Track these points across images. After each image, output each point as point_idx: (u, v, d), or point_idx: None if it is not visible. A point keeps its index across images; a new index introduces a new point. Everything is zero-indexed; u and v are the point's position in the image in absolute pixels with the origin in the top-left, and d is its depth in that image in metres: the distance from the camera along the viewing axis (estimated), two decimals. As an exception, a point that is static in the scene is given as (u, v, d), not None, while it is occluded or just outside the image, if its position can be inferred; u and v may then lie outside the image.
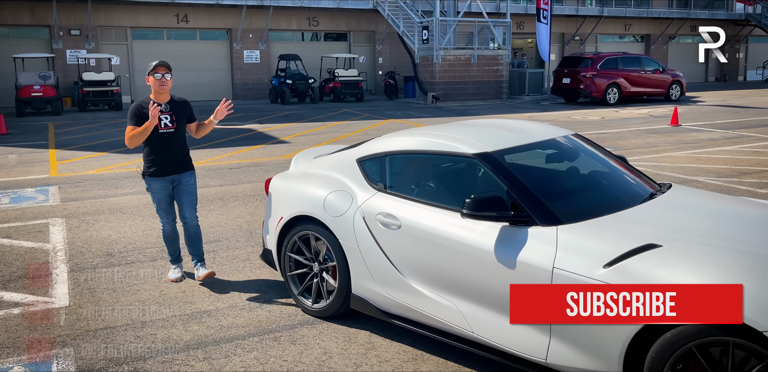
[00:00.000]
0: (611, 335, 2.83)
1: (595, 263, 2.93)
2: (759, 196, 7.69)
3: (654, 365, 2.72)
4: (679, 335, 2.65)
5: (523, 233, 3.21)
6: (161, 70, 4.65)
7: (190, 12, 22.67)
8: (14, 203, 7.57)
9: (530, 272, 3.09)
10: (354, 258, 3.87)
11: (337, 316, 4.13)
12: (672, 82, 21.91)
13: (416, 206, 3.67)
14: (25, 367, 3.54)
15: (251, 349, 3.77)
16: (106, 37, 22.15)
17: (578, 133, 4.36)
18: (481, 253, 3.28)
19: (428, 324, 3.60)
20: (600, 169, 3.92)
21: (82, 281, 4.92)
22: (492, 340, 3.28)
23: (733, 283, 2.58)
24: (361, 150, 4.19)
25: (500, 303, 3.24)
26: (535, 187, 3.40)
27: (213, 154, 11.26)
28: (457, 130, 3.98)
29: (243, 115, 18.01)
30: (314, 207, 4.07)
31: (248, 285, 4.82)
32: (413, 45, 21.77)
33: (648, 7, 31.61)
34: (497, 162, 3.48)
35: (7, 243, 5.92)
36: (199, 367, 3.55)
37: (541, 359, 3.10)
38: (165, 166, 4.73)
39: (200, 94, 23.66)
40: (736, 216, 3.48)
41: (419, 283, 3.61)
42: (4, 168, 10.00)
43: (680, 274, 2.73)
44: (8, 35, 21.17)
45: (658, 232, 3.06)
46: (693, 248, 2.91)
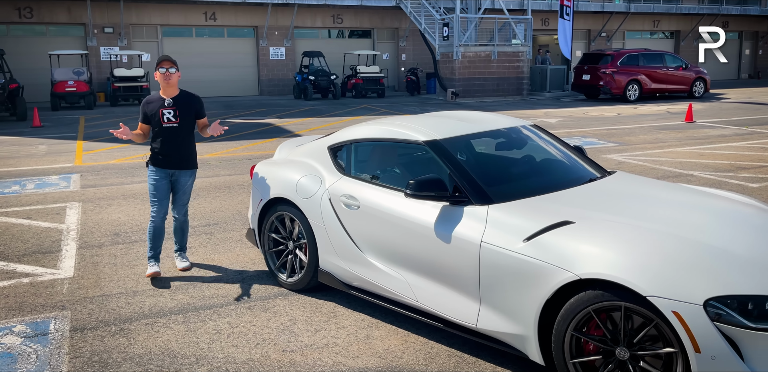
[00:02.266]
0: (527, 302, 3.16)
1: (517, 238, 3.26)
2: (748, 190, 7.84)
3: (559, 327, 3.05)
4: (580, 300, 2.98)
5: (459, 212, 3.55)
6: (166, 65, 4.68)
7: (218, 10, 23.35)
8: (38, 188, 8.18)
9: (462, 246, 3.44)
10: (321, 236, 4.27)
11: (309, 290, 4.53)
12: (695, 78, 21.72)
13: (374, 189, 4.05)
14: (27, 325, 4.04)
15: (226, 315, 4.20)
16: (137, 35, 22.99)
17: (536, 124, 4.67)
18: (423, 230, 3.64)
19: (383, 295, 3.97)
20: (546, 156, 4.23)
21: (88, 256, 5.42)
22: (433, 307, 3.64)
23: (623, 253, 2.91)
24: (332, 138, 4.58)
25: (439, 274, 3.60)
26: (476, 170, 3.74)
27: (229, 146, 11.79)
28: (416, 120, 4.34)
29: (265, 110, 18.58)
30: (288, 190, 4.48)
31: (236, 262, 5.26)
32: (434, 42, 22.06)
33: (678, 2, 31.20)
34: (443, 148, 3.83)
35: (26, 223, 6.49)
36: (177, 328, 3.99)
37: (473, 324, 3.44)
38: (167, 160, 4.78)
39: (227, 89, 24.42)
40: (658, 199, 3.76)
41: (375, 257, 3.99)
42: (33, 157, 10.69)
43: (583, 246, 3.05)
44: (45, 33, 22.16)
45: (576, 211, 3.37)
46: (599, 224, 3.22)
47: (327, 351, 3.68)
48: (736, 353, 2.65)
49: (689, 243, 3.05)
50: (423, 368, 3.48)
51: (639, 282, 2.79)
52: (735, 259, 2.96)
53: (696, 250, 3.00)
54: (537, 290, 3.11)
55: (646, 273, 2.83)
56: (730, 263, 2.92)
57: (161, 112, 4.72)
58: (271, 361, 3.57)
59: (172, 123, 4.73)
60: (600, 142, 11.94)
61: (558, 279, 3.02)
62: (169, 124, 4.73)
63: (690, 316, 2.68)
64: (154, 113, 4.74)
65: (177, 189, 4.91)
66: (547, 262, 3.08)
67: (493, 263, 3.30)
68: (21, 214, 6.84)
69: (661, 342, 2.84)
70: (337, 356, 3.61)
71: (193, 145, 4.92)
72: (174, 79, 4.70)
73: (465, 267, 3.43)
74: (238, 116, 17.13)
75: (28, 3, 21.23)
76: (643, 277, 2.81)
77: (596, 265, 2.93)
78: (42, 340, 3.82)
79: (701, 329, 2.66)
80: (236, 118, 16.79)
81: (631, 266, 2.87)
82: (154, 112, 4.74)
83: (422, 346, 3.72)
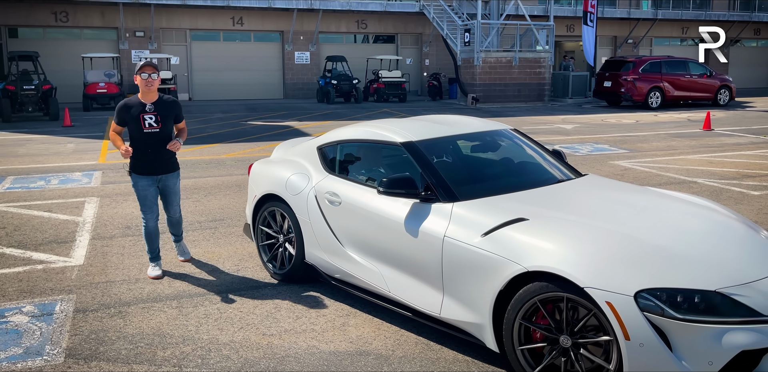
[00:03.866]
0: (484, 293, 3.40)
1: (475, 233, 3.50)
2: (748, 197, 7.90)
3: (509, 316, 3.28)
4: (527, 291, 3.20)
5: (427, 208, 3.81)
6: (148, 70, 4.67)
7: (245, 15, 23.95)
8: (61, 184, 8.66)
9: (428, 240, 3.69)
10: (307, 230, 4.56)
11: (297, 281, 4.82)
12: (720, 86, 21.52)
13: (354, 186, 4.33)
14: (35, 306, 4.41)
15: (216, 302, 4.51)
16: (167, 39, 23.71)
17: (516, 129, 4.90)
18: (395, 225, 3.90)
19: (360, 286, 4.24)
20: (518, 158, 4.46)
21: (99, 247, 5.81)
22: (403, 298, 3.90)
23: (567, 247, 3.13)
24: (322, 139, 4.88)
25: (407, 266, 3.86)
26: (446, 170, 4.00)
27: (246, 147, 12.19)
28: (397, 123, 4.61)
29: (286, 113, 19.03)
30: (279, 186, 4.78)
31: (234, 255, 5.59)
32: (456, 47, 22.28)
33: (707, 9, 30.87)
34: (417, 149, 4.10)
35: (46, 215, 6.93)
36: (170, 312, 4.32)
37: (437, 313, 3.69)
38: (151, 166, 4.78)
39: (253, 92, 25.01)
40: (614, 200, 3.97)
41: (354, 251, 4.26)
42: (61, 155, 11.24)
43: (533, 241, 3.28)
44: (80, 36, 23.01)
45: (533, 210, 3.60)
46: (551, 222, 3.45)
47: (304, 336, 3.96)
48: (665, 342, 2.85)
49: (630, 240, 3.26)
50: (389, 353, 3.73)
51: (578, 274, 3.02)
52: (671, 255, 3.16)
53: (635, 246, 3.21)
54: (492, 282, 3.34)
55: (586, 266, 3.05)
56: (665, 259, 3.12)
57: (142, 118, 4.69)
58: (251, 343, 3.86)
59: (154, 128, 4.72)
60: (611, 149, 12.03)
61: (509, 271, 3.25)
62: (151, 129, 4.71)
63: (621, 306, 2.89)
64: (135, 118, 4.69)
65: (167, 192, 4.95)
66: (500, 256, 3.32)
67: (454, 256, 3.55)
68: (43, 208, 7.29)
69: (600, 331, 3.05)
70: (312, 341, 3.89)
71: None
72: (155, 84, 4.70)
73: (430, 260, 3.68)
74: (260, 118, 17.59)
75: (65, 7, 22.08)
76: (582, 270, 3.03)
77: (542, 259, 3.16)
78: (47, 320, 4.18)
79: (631, 318, 2.87)
80: (257, 120, 17.25)
81: (573, 260, 3.10)
82: (135, 117, 4.69)
83: (393, 334, 3.98)
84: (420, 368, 3.56)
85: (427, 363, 3.61)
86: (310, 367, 3.57)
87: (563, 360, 3.15)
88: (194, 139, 13.06)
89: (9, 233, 6.24)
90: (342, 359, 3.66)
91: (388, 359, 3.66)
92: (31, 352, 3.72)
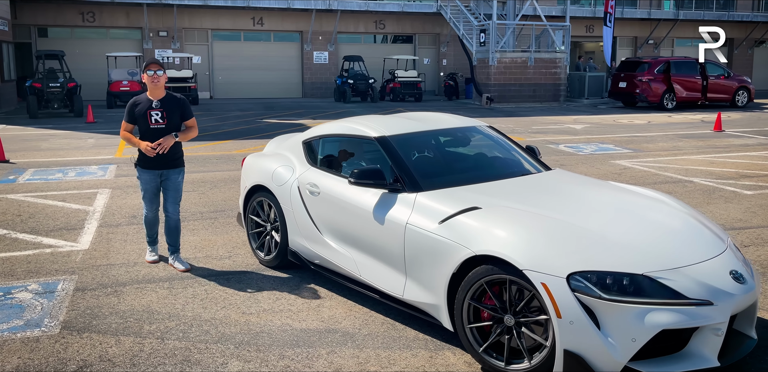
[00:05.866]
0: (439, 276, 3.67)
1: (433, 220, 3.78)
2: (740, 196, 8.01)
3: (460, 297, 3.54)
4: (475, 273, 3.47)
5: (394, 198, 4.09)
6: (154, 67, 4.83)
7: (265, 15, 24.44)
8: (78, 176, 9.13)
9: (392, 227, 3.98)
10: (290, 219, 4.88)
11: (282, 266, 5.14)
12: (738, 87, 21.38)
13: (332, 178, 4.63)
14: (40, 284, 4.80)
15: (205, 284, 4.86)
16: (189, 38, 24.31)
17: (491, 126, 5.16)
18: (365, 214, 4.19)
19: (336, 271, 4.54)
20: (487, 153, 4.72)
21: (105, 234, 6.21)
22: (371, 281, 4.19)
23: (511, 233, 3.40)
24: (307, 133, 5.20)
25: (376, 252, 4.15)
26: (414, 163, 4.28)
27: (257, 143, 12.57)
28: (375, 119, 4.90)
29: (302, 112, 19.43)
30: (266, 178, 5.11)
31: (228, 243, 5.93)
32: (471, 47, 22.46)
33: (731, 9, 30.53)
34: (388, 143, 4.38)
35: (60, 205, 7.37)
36: (161, 292, 4.67)
37: (400, 295, 3.97)
38: (155, 161, 4.92)
39: (272, 91, 25.49)
40: (569, 192, 4.20)
41: (330, 238, 4.56)
42: (81, 149, 11.76)
43: (482, 227, 3.54)
44: (106, 36, 23.73)
45: (488, 199, 3.86)
46: (501, 210, 3.70)
47: (280, 315, 4.28)
48: (593, 320, 3.10)
49: (571, 227, 3.51)
50: (356, 331, 4.03)
51: (518, 258, 3.27)
52: (606, 241, 3.40)
53: (574, 233, 3.46)
54: (446, 265, 3.62)
55: (526, 251, 3.30)
56: (600, 245, 3.36)
57: (149, 114, 4.86)
58: (230, 320, 4.19)
59: (159, 124, 4.87)
60: (615, 149, 12.15)
61: (460, 255, 3.52)
62: (157, 125, 4.87)
63: (555, 287, 3.14)
64: (142, 114, 4.87)
65: (168, 187, 5.07)
66: (453, 241, 3.59)
67: (414, 242, 3.82)
68: (57, 198, 7.74)
69: (541, 311, 3.31)
70: (287, 319, 4.21)
71: (180, 145, 5.07)
72: (161, 81, 4.86)
73: (394, 245, 3.96)
74: (276, 117, 18.01)
75: (91, 8, 22.81)
76: (523, 254, 3.29)
77: (489, 244, 3.42)
78: (49, 296, 4.56)
79: (563, 298, 3.12)
80: (273, 118, 17.67)
81: (515, 245, 3.36)
82: (142, 114, 4.87)
83: (362, 315, 4.28)
84: (381, 345, 3.84)
85: (388, 340, 3.90)
86: (280, 341, 3.88)
87: (507, 337, 3.41)
88: (209, 136, 13.51)
89: (24, 220, 6.68)
90: (311, 336, 3.96)
91: (354, 336, 3.95)
92: (31, 324, 4.10)
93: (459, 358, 3.67)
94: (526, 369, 3.31)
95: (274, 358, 3.67)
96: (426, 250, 3.75)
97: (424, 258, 3.77)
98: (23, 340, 3.86)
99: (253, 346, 3.82)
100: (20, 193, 8.03)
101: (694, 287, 3.19)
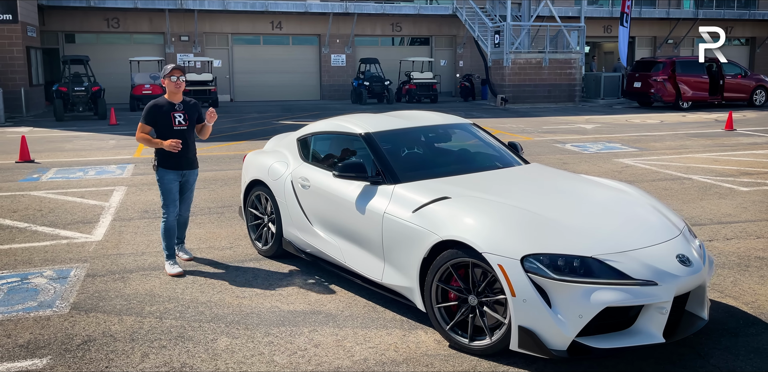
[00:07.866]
0: (412, 260, 3.97)
1: (408, 209, 4.08)
2: (735, 193, 8.14)
3: (429, 279, 3.83)
4: (442, 257, 3.76)
5: (374, 190, 4.40)
6: (176, 73, 5.02)
7: (283, 19, 24.97)
8: (98, 175, 9.62)
9: (371, 216, 4.28)
10: (284, 211, 5.22)
11: (279, 256, 5.48)
12: (755, 87, 21.24)
13: (321, 172, 4.96)
14: (54, 271, 5.21)
15: (205, 271, 5.22)
16: (210, 42, 24.94)
17: (476, 124, 5.44)
18: (348, 204, 4.51)
19: (325, 259, 4.87)
20: (467, 148, 5.00)
21: (118, 227, 6.62)
22: (355, 267, 4.50)
23: (474, 220, 3.68)
24: (301, 131, 5.54)
25: (358, 240, 4.46)
26: (394, 157, 4.58)
27: (270, 144, 12.99)
28: (362, 117, 5.22)
29: (318, 113, 19.83)
30: (263, 173, 5.46)
31: (231, 235, 6.30)
32: (486, 48, 22.67)
33: (753, 8, 30.24)
34: (372, 139, 4.69)
35: (78, 201, 7.83)
36: (164, 278, 5.05)
37: (379, 279, 4.28)
38: (179, 161, 5.12)
39: (291, 94, 25.99)
40: (537, 183, 4.47)
41: (319, 228, 4.89)
42: (102, 149, 12.30)
43: (449, 215, 3.83)
44: (130, 41, 24.47)
45: (458, 190, 4.14)
46: (468, 200, 3.98)
47: (270, 298, 4.61)
48: (545, 299, 3.37)
49: (530, 215, 3.78)
50: (338, 313, 4.34)
51: (479, 242, 3.56)
52: (561, 227, 3.66)
53: (532, 219, 3.73)
54: (418, 250, 3.91)
55: (486, 235, 3.58)
56: (555, 230, 3.63)
57: (173, 116, 5.05)
58: (224, 302, 4.54)
59: (183, 126, 5.09)
60: (621, 147, 12.29)
61: (429, 240, 3.82)
62: (180, 126, 5.08)
63: (510, 268, 3.42)
64: (166, 116, 5.04)
65: (186, 188, 5.27)
66: (424, 228, 3.88)
67: (391, 230, 4.13)
68: (77, 194, 8.21)
69: (501, 292, 3.58)
70: (276, 302, 4.54)
71: (196, 146, 5.32)
72: (183, 86, 5.07)
73: (373, 233, 4.27)
74: (292, 118, 18.45)
75: (116, 14, 23.56)
76: (483, 238, 3.57)
77: (453, 229, 3.71)
78: (62, 281, 4.97)
79: (517, 278, 3.40)
80: (289, 119, 18.11)
81: (477, 230, 3.64)
82: (166, 115, 5.05)
83: (347, 299, 4.59)
84: (360, 324, 4.15)
85: (367, 321, 4.21)
86: (267, 321, 4.21)
87: (471, 316, 3.69)
88: (225, 137, 13.98)
89: (44, 214, 7.14)
90: (296, 316, 4.29)
91: (336, 317, 4.27)
92: (44, 305, 4.50)
93: (430, 336, 3.96)
94: (487, 345, 3.59)
95: (260, 335, 4.00)
96: (401, 237, 4.05)
97: (400, 244, 4.07)
98: (35, 319, 4.26)
99: (242, 325, 4.16)
100: (42, 190, 8.52)
101: (639, 269, 3.44)
